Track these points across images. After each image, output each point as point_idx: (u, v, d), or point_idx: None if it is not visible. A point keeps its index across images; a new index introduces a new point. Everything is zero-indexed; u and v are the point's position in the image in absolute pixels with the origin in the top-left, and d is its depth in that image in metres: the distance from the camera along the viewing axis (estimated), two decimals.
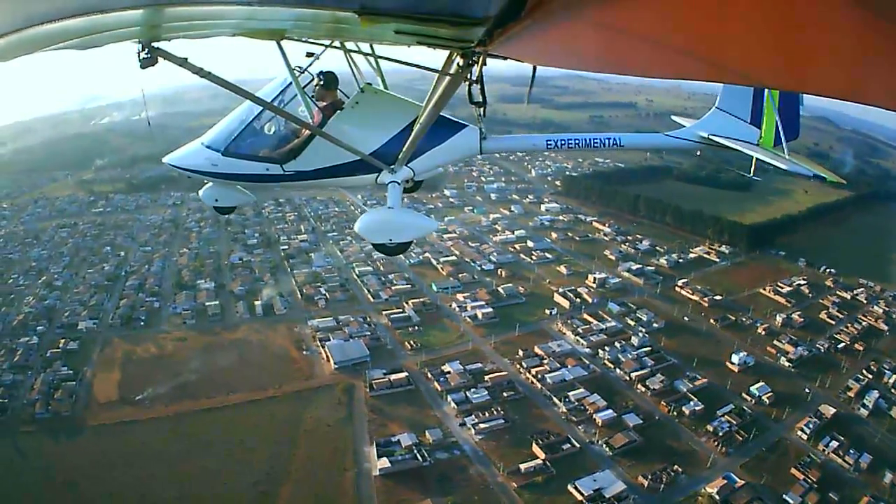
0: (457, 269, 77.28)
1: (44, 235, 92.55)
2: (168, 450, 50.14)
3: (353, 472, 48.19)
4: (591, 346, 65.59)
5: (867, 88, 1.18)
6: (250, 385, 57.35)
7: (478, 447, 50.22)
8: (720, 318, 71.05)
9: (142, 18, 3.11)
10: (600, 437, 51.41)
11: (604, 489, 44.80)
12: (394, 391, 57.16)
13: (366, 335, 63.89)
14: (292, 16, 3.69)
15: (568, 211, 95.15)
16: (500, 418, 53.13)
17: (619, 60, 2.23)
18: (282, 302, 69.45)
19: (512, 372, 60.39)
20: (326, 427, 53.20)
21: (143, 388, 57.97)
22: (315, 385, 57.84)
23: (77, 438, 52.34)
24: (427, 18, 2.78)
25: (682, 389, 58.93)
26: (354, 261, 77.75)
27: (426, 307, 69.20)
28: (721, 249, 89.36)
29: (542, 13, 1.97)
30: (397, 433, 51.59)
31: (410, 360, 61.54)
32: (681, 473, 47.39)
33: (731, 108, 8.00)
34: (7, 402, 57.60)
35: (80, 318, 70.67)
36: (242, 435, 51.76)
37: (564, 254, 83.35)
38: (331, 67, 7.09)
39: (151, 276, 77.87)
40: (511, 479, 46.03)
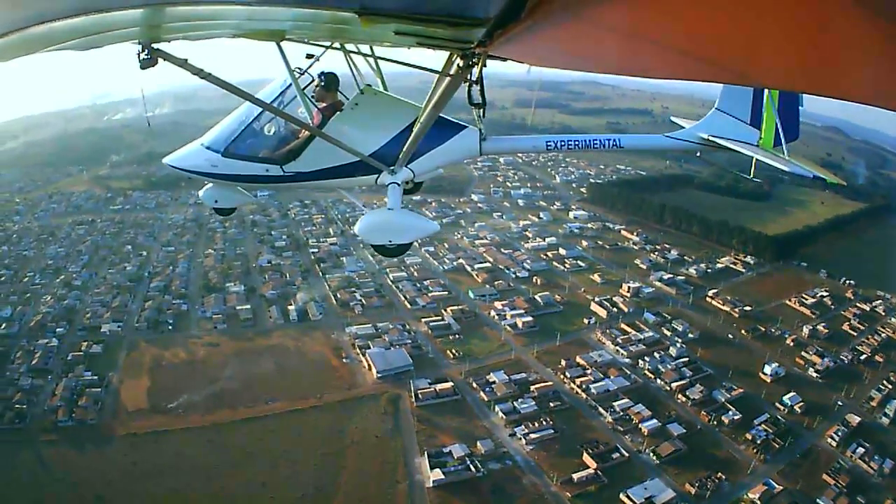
0: (492, 276, 74.85)
1: (60, 232, 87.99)
2: (206, 462, 46.78)
3: (405, 485, 45.82)
4: (630, 356, 64.25)
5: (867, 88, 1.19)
6: (290, 394, 54.17)
7: (529, 457, 48.70)
8: (751, 329, 70.42)
9: (142, 19, 2.99)
10: (647, 446, 50.64)
11: (654, 497, 44.47)
12: (440, 401, 54.72)
13: (406, 343, 61.12)
14: (292, 16, 3.56)
15: (595, 219, 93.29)
16: (549, 428, 51.76)
17: (619, 61, 2.18)
18: (316, 307, 66.18)
19: (557, 382, 58.63)
20: (374, 438, 50.40)
21: (176, 396, 54.42)
22: (358, 394, 54.89)
23: (105, 448, 48.68)
24: (427, 19, 2.73)
25: (721, 399, 58.33)
26: (387, 266, 74.73)
27: (465, 315, 66.65)
28: (746, 260, 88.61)
29: (542, 14, 1.93)
30: (448, 444, 49.35)
31: (454, 370, 58.99)
32: (724, 480, 47.22)
33: (730, 108, 7.80)
34: (26, 408, 53.54)
35: (102, 320, 66.73)
36: (286, 446, 48.67)
37: (596, 262, 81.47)
38: (331, 69, 6.91)
39: (177, 278, 74.03)
40: (565, 489, 44.96)
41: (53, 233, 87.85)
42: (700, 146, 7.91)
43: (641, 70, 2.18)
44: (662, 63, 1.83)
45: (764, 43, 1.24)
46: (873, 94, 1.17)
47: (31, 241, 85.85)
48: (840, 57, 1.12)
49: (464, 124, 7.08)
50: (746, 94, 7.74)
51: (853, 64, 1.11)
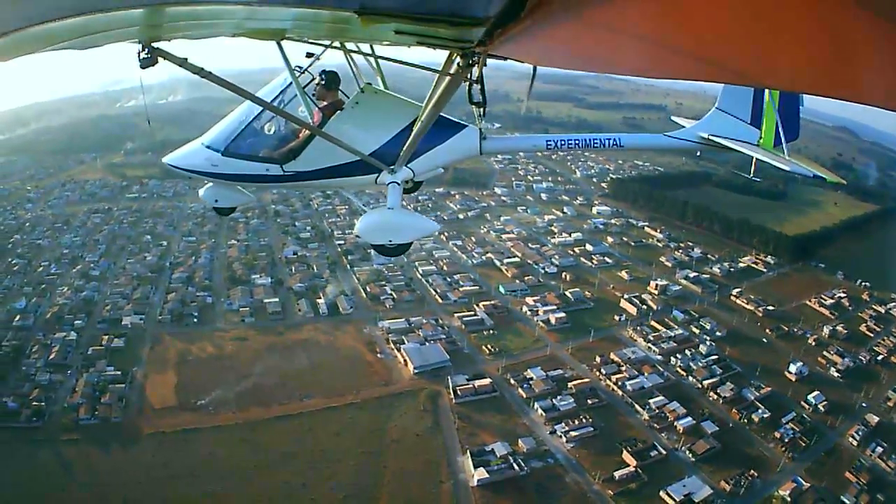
0: (521, 271, 72.60)
1: (75, 221, 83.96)
2: (241, 462, 44.13)
3: (449, 484, 43.93)
4: (662, 354, 63.08)
5: (868, 89, 1.18)
6: (326, 390, 51.58)
7: (570, 455, 47.49)
8: (774, 329, 69.78)
9: (142, 18, 2.97)
10: (683, 444, 49.96)
11: (693, 494, 44.33)
12: (479, 398, 52.72)
13: (441, 338, 58.77)
14: (292, 16, 3.52)
15: (618, 215, 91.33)
16: (588, 426, 50.58)
17: (619, 61, 2.17)
18: (346, 301, 63.35)
19: (593, 379, 57.09)
20: (415, 436, 48.15)
21: (205, 393, 51.45)
22: (395, 391, 52.44)
23: (131, 448, 45.72)
24: (427, 18, 2.71)
25: (750, 397, 57.76)
26: (416, 259, 72.02)
27: (497, 310, 64.45)
28: (767, 260, 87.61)
29: (542, 13, 1.92)
30: (489, 442, 47.60)
31: (490, 366, 56.86)
32: (756, 478, 47.05)
33: (730, 108, 7.69)
34: (45, 405, 50.11)
35: (123, 312, 63.37)
36: (324, 445, 46.22)
37: (622, 259, 79.54)
38: (332, 67, 6.76)
39: (200, 269, 70.69)
40: (607, 487, 44.14)
41: (68, 221, 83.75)
42: (700, 146, 7.74)
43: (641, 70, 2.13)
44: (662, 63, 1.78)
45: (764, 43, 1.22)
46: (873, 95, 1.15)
47: (45, 230, 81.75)
48: (840, 57, 1.10)
49: (464, 123, 6.89)
50: (747, 94, 7.56)
51: (853, 64, 1.09)
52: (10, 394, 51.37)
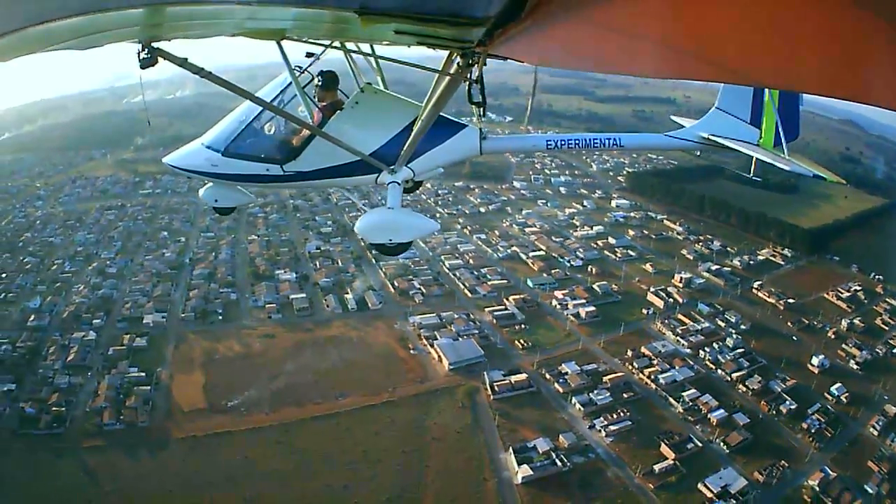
0: (547, 264, 70.84)
1: (87, 218, 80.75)
2: (278, 466, 41.91)
3: (493, 482, 42.38)
4: (691, 347, 62.10)
5: (868, 88, 1.18)
6: (361, 388, 49.51)
7: (610, 449, 46.57)
8: (795, 321, 69.10)
9: (142, 18, 2.93)
10: (717, 436, 49.63)
11: (729, 486, 44.05)
12: (516, 394, 51.14)
13: (473, 333, 56.87)
14: (292, 15, 3.43)
15: (637, 208, 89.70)
16: (626, 420, 49.70)
17: (619, 60, 2.16)
18: (375, 296, 61.14)
19: (626, 372, 55.81)
20: (455, 434, 46.37)
21: (236, 393, 49.06)
22: (431, 388, 50.51)
23: (161, 454, 43.16)
24: (427, 18, 2.68)
25: (777, 389, 57.30)
26: (442, 253, 69.95)
27: (527, 304, 62.68)
28: (784, 252, 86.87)
29: (542, 14, 1.90)
30: (530, 438, 46.24)
31: (525, 361, 55.19)
32: (787, 468, 47.18)
33: (730, 108, 7.52)
34: (65, 410, 47.16)
35: (144, 310, 60.75)
36: (364, 446, 44.23)
37: (645, 252, 78.10)
38: (331, 67, 6.67)
39: (221, 265, 68.06)
40: (648, 481, 43.47)
41: (81, 218, 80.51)
42: (700, 145, 7.65)
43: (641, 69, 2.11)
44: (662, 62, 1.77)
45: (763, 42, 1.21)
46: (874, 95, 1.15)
47: (57, 227, 78.53)
48: (841, 57, 1.09)
49: (464, 123, 6.77)
50: (746, 94, 7.46)
51: (854, 65, 1.08)
52: (28, 398, 48.49)
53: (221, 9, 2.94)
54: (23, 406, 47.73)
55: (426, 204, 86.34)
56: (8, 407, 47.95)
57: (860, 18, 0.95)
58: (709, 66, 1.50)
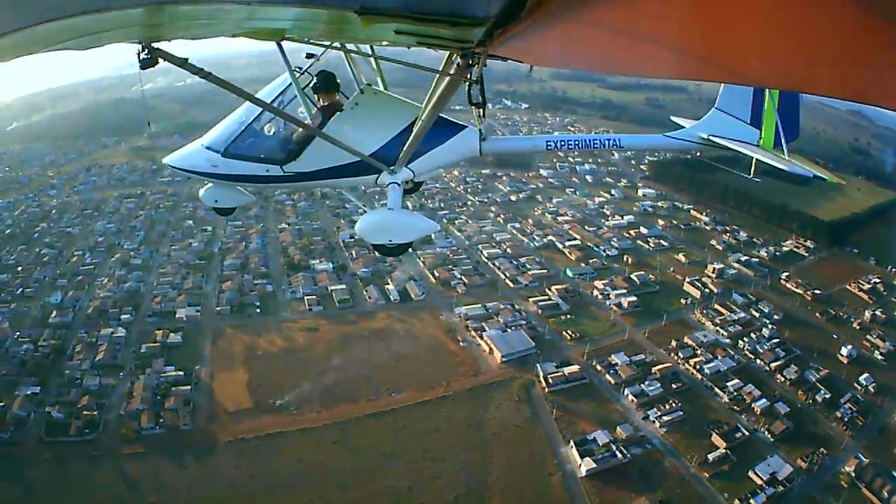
0: (584, 253, 68.66)
1: (106, 207, 76.00)
2: (337, 467, 39.26)
3: (558, 476, 40.75)
4: (730, 337, 60.99)
5: (868, 88, 1.17)
6: (414, 383, 46.99)
7: (665, 440, 45.65)
8: (823, 312, 68.56)
9: (141, 18, 2.88)
10: (762, 425, 49.50)
11: (776, 473, 44.19)
12: (570, 386, 49.32)
13: (521, 324, 54.45)
14: (292, 16, 3.36)
15: (663, 197, 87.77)
16: (678, 410, 48.71)
17: (619, 61, 2.13)
18: (417, 287, 58.17)
19: (673, 363, 54.48)
20: (515, 428, 44.36)
21: (283, 391, 46.02)
22: (486, 381, 48.24)
23: (209, 459, 39.93)
24: (427, 19, 2.64)
25: (812, 379, 56.75)
26: (478, 242, 67.11)
27: (570, 294, 60.51)
28: (807, 244, 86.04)
29: (542, 14, 1.87)
30: (589, 431, 44.72)
31: (574, 352, 53.23)
32: (826, 455, 47.36)
33: (730, 108, 7.34)
34: (98, 414, 43.26)
35: (176, 304, 57.06)
36: (424, 443, 41.89)
37: (676, 242, 76.37)
38: (330, 68, 6.59)
39: (253, 255, 64.34)
40: (702, 470, 42.95)
41: (99, 207, 75.74)
42: (700, 146, 7.48)
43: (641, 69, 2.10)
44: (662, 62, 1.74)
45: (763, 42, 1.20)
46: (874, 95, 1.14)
47: (74, 217, 73.69)
48: (840, 57, 1.08)
49: (463, 124, 6.60)
50: (746, 94, 7.23)
51: (853, 64, 1.07)
52: (55, 402, 44.55)
53: (221, 9, 2.80)
54: (49, 411, 43.93)
55: (455, 192, 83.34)
56: (33, 412, 44.03)
57: (860, 18, 0.93)
58: (709, 65, 1.47)
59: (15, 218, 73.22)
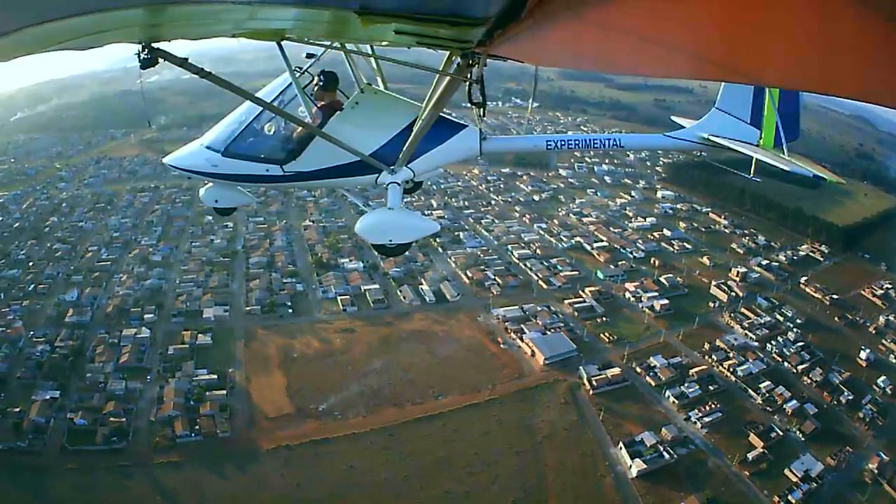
0: (612, 255, 69.09)
1: (119, 201, 73.68)
2: (390, 475, 38.44)
3: (610, 478, 41.06)
4: (758, 340, 62.12)
5: (868, 87, 1.18)
6: (459, 386, 46.64)
7: (706, 440, 46.52)
8: (841, 317, 70.30)
9: (141, 18, 2.89)
10: (793, 425, 51.00)
11: (810, 470, 45.80)
12: (613, 388, 49.64)
13: (559, 326, 54.43)
14: (292, 16, 3.38)
15: (681, 200, 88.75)
16: (717, 411, 49.90)
17: (619, 60, 2.15)
18: (452, 287, 57.66)
19: (708, 365, 55.39)
20: (564, 431, 44.42)
21: (324, 395, 44.80)
22: (530, 384, 48.18)
23: (251, 468, 38.36)
24: (427, 19, 2.65)
25: (835, 381, 58.40)
26: (506, 242, 66.91)
27: (602, 296, 60.65)
28: (822, 249, 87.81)
29: (542, 14, 1.89)
30: (636, 433, 45.17)
31: (613, 354, 53.49)
32: (851, 453, 49.05)
33: (730, 108, 7.38)
34: (125, 420, 41.14)
35: (202, 303, 55.42)
36: (476, 448, 41.62)
37: (699, 245, 77.32)
38: (330, 68, 6.59)
39: (279, 253, 63.02)
40: (743, 469, 44.18)
41: (111, 201, 73.33)
42: (700, 145, 7.53)
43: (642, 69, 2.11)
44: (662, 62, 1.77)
45: (764, 42, 1.21)
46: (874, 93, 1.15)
47: (86, 211, 71.21)
48: (840, 56, 1.09)
49: (464, 124, 6.64)
50: (747, 93, 7.25)
51: (853, 63, 1.08)
52: (77, 408, 42.42)
53: (221, 9, 2.81)
54: (71, 417, 41.70)
55: (478, 191, 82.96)
56: (53, 418, 41.77)
57: (860, 17, 0.95)
58: (709, 65, 1.47)
59: (23, 211, 70.48)
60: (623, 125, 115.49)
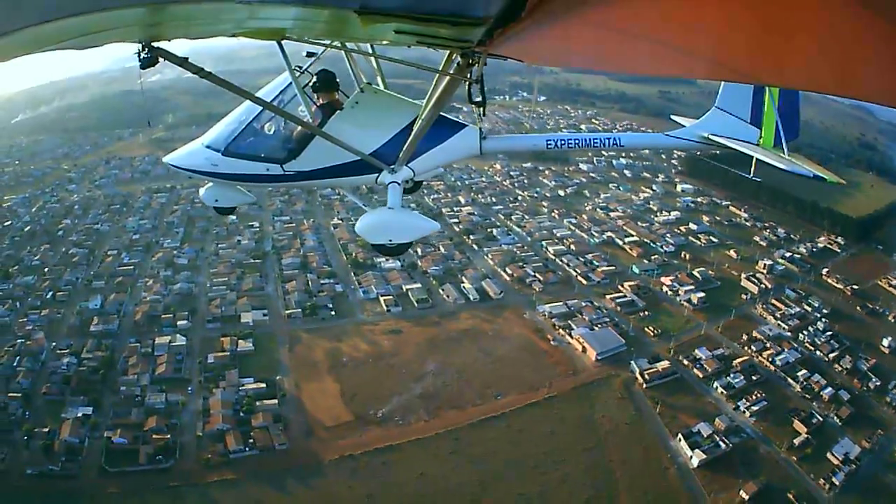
0: (644, 250, 70.44)
1: (135, 202, 71.85)
2: (462, 479, 38.40)
3: (673, 469, 42.42)
4: (791, 330, 64.23)
5: (868, 86, 1.19)
6: (517, 386, 47.22)
7: (756, 428, 48.48)
8: (862, 306, 72.74)
9: (142, 18, 2.89)
10: (831, 411, 53.32)
11: (849, 453, 48.03)
12: (664, 381, 51.00)
13: (605, 322, 55.46)
14: (292, 15, 3.38)
15: (701, 193, 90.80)
16: (763, 400, 51.86)
17: (619, 59, 2.17)
18: (495, 285, 58.07)
19: (748, 356, 57.29)
20: (625, 426, 45.35)
21: (382, 400, 44.24)
22: (586, 380, 49.07)
23: (316, 481, 37.29)
24: (427, 18, 2.68)
25: (863, 368, 60.70)
26: (539, 238, 67.60)
27: (642, 291, 61.94)
28: (838, 240, 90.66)
29: (542, 13, 1.92)
30: (691, 424, 46.56)
31: (660, 347, 54.77)
32: (883, 436, 51.45)
33: (730, 107, 7.49)
34: (170, 437, 39.19)
35: (238, 307, 54.18)
36: (543, 447, 42.27)
37: (724, 238, 79.35)
38: (330, 67, 6.68)
39: (312, 253, 62.34)
40: (791, 454, 46.15)
41: (127, 202, 71.51)
42: (700, 145, 7.65)
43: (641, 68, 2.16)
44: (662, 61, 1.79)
45: (764, 41, 1.22)
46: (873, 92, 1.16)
47: (101, 213, 69.29)
48: (840, 55, 1.11)
49: (464, 123, 6.76)
50: (746, 93, 7.40)
51: (853, 62, 1.10)
52: (114, 425, 40.16)
53: (221, 8, 2.84)
54: (109, 436, 39.31)
55: (503, 186, 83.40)
56: (87, 437, 39.44)
57: (860, 17, 0.96)
58: (708, 64, 1.48)
59: (33, 214, 68.10)
60: (632, 118, 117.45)
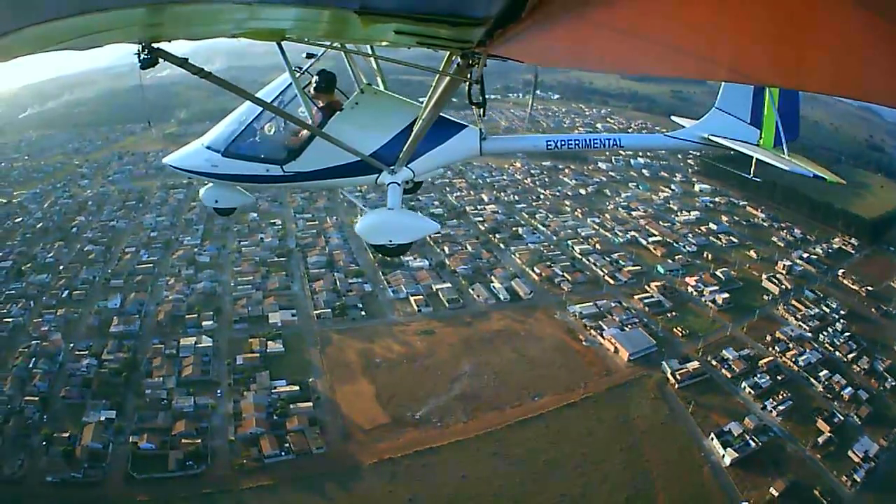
0: (668, 250, 71.63)
1: (151, 198, 71.35)
2: (504, 481, 39.17)
3: (707, 468, 43.82)
4: (811, 331, 65.78)
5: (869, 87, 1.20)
6: (553, 386, 48.28)
7: (782, 427, 49.88)
8: (877, 307, 74.36)
9: (142, 18, 2.94)
10: (851, 410, 54.56)
11: (868, 451, 49.46)
12: (694, 381, 52.32)
13: (634, 322, 56.55)
14: (292, 16, 3.46)
15: (718, 193, 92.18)
16: (788, 400, 53.29)
17: (619, 60, 2.19)
18: (525, 285, 58.79)
19: (773, 356, 58.71)
20: (660, 426, 46.57)
21: (418, 402, 44.64)
22: (619, 381, 50.24)
23: (356, 485, 37.36)
24: (427, 19, 2.69)
25: (880, 369, 62.24)
26: (564, 237, 68.37)
27: (668, 291, 63.02)
28: (852, 241, 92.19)
29: (542, 14, 1.93)
30: (723, 423, 47.97)
31: (689, 348, 56.02)
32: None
33: (730, 107, 7.68)
34: (201, 442, 38.61)
35: (265, 307, 53.98)
36: (582, 447, 43.42)
37: (744, 238, 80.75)
38: (330, 68, 6.82)
39: (338, 252, 62.42)
40: (816, 452, 47.49)
41: (143, 198, 71.03)
42: (700, 145, 7.78)
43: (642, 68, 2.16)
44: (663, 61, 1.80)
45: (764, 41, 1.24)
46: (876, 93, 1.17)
47: (116, 209, 68.81)
48: (839, 55, 1.12)
49: (464, 124, 6.87)
50: (747, 93, 7.54)
51: (852, 62, 1.11)
52: (139, 429, 39.67)
53: (221, 9, 2.89)
54: (135, 441, 38.77)
55: (524, 185, 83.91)
56: (111, 442, 38.84)
57: (860, 18, 0.96)
58: (709, 63, 1.50)
59: (45, 210, 67.39)
60: (646, 117, 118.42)
